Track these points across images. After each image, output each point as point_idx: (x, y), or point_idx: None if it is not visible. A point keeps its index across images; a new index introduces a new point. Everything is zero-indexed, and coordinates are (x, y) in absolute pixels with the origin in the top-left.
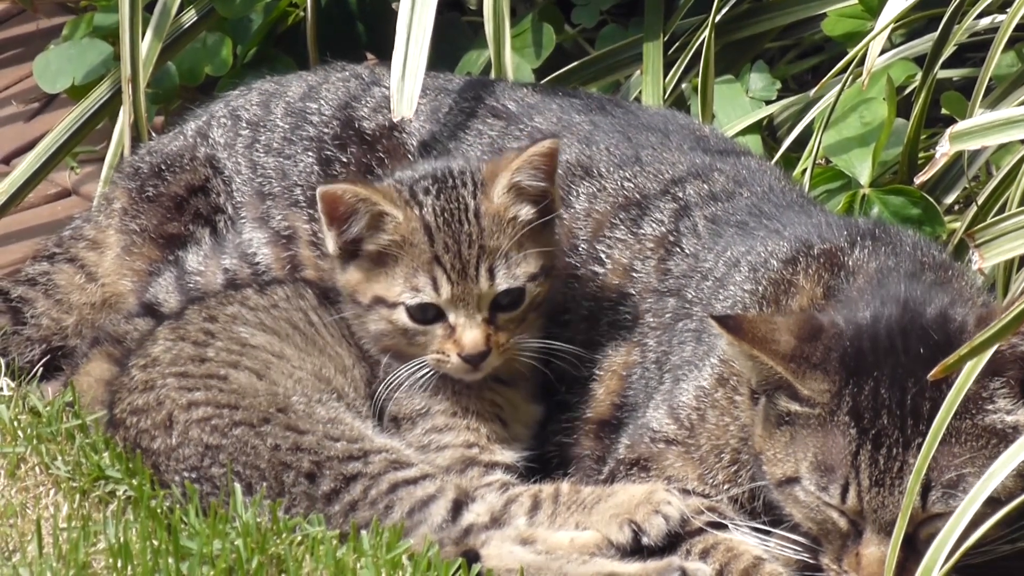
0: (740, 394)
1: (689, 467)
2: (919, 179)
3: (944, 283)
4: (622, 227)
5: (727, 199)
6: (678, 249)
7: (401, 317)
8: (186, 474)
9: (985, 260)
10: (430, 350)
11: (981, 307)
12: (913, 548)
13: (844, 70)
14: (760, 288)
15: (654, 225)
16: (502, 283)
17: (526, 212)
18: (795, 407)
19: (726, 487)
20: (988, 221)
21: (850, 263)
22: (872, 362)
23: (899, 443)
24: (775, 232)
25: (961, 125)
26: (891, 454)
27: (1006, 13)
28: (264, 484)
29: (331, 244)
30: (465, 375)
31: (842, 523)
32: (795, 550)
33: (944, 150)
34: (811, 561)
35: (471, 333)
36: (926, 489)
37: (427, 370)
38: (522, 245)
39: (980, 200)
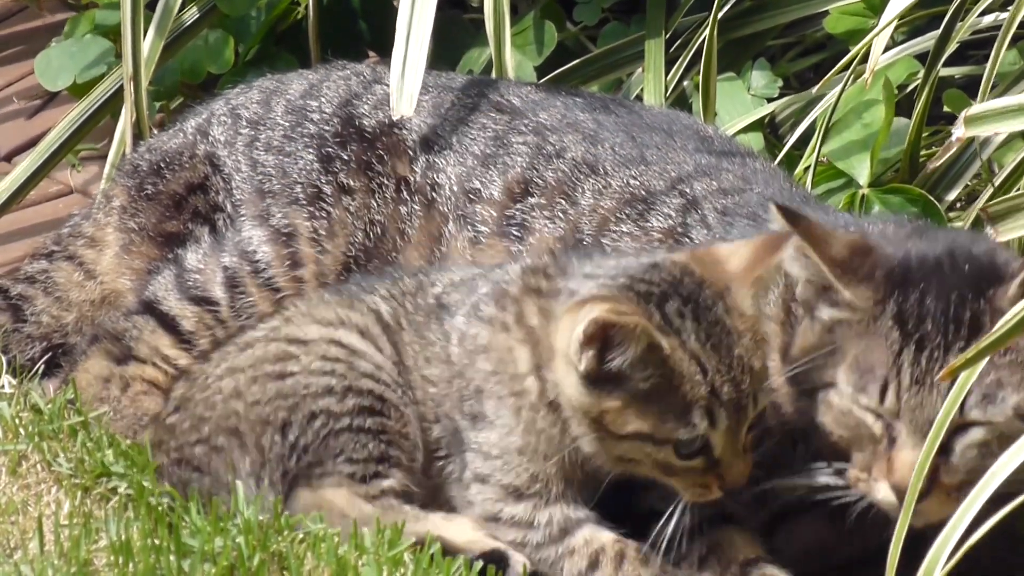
0: None
1: None
2: (932, 164)
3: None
4: (628, 222)
5: (737, 194)
6: (687, 240)
7: (668, 456)
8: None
9: (1000, 234)
10: (686, 483)
11: None
12: (946, 457)
13: (846, 68)
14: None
15: (661, 219)
16: (761, 403)
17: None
18: (837, 314)
19: None
20: (1003, 197)
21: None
22: (919, 278)
23: (941, 347)
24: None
25: (976, 108)
26: (932, 356)
27: (1007, 11)
28: None
29: (582, 365)
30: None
31: (876, 428)
32: None
33: (959, 133)
34: None
35: (739, 466)
36: (966, 394)
37: (682, 505)
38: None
39: (997, 182)
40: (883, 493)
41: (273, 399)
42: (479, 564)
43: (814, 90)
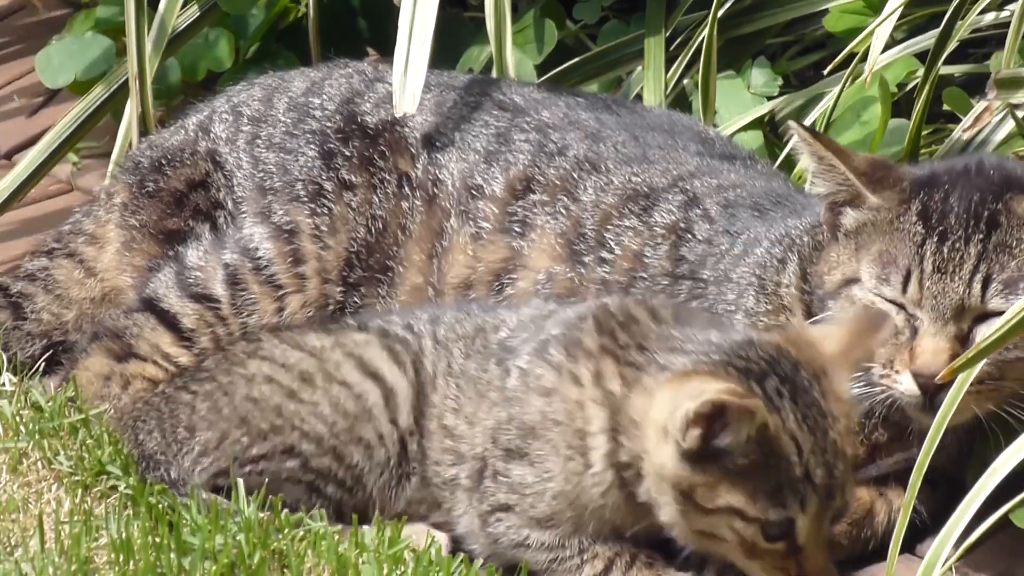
0: None
1: None
2: (968, 133)
3: None
4: (631, 216)
5: (738, 187)
6: (690, 235)
7: (755, 534)
8: None
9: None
10: (764, 564)
11: None
12: (967, 346)
13: (846, 64)
14: (787, 256)
15: (664, 214)
16: (848, 493)
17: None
18: (863, 215)
19: None
20: None
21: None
22: (944, 181)
23: (962, 239)
24: (795, 213)
25: (1006, 72)
26: (954, 247)
27: (1006, 9)
28: None
29: (687, 441)
30: None
31: (899, 320)
32: None
33: (992, 96)
34: None
35: (819, 558)
36: (986, 282)
37: None
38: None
39: None
40: (905, 384)
41: (268, 408)
42: (479, 561)
43: (813, 87)
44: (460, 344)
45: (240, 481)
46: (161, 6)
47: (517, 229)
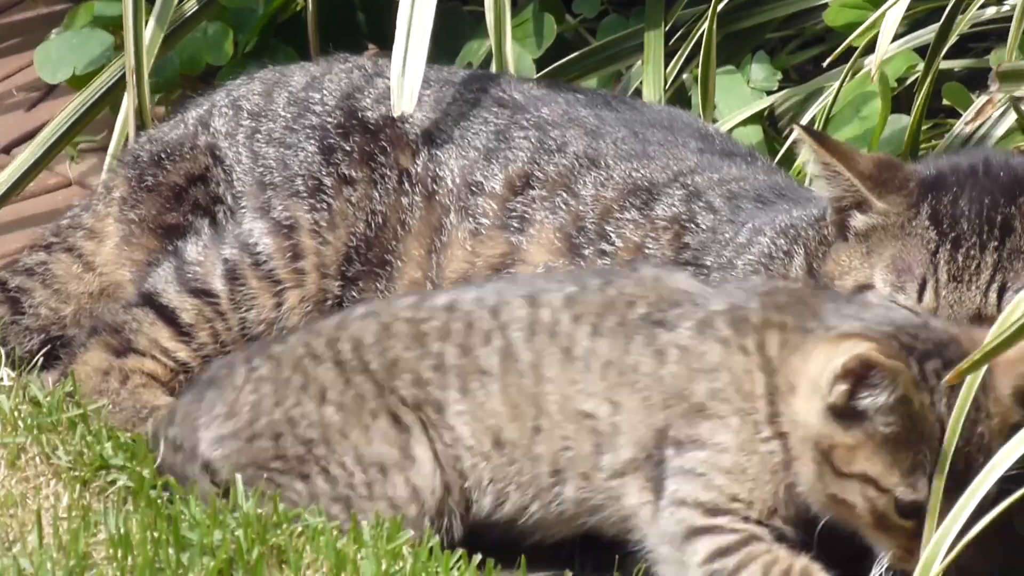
0: None
1: None
2: (970, 127)
3: None
4: (632, 210)
5: (742, 181)
6: (693, 225)
7: (888, 505)
8: None
9: None
10: (892, 542)
11: None
12: None
13: (845, 59)
14: (793, 249)
15: (665, 208)
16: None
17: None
18: (872, 219)
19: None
20: None
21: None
22: (952, 182)
23: (976, 246)
24: (798, 205)
25: (1007, 65)
26: (969, 254)
27: (1006, 4)
28: None
29: (833, 395)
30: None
31: None
32: None
33: (994, 88)
34: None
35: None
36: (1002, 291)
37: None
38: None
39: None
40: None
41: (300, 427)
42: (478, 557)
43: (813, 81)
44: (584, 326)
45: (239, 477)
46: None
47: (516, 225)
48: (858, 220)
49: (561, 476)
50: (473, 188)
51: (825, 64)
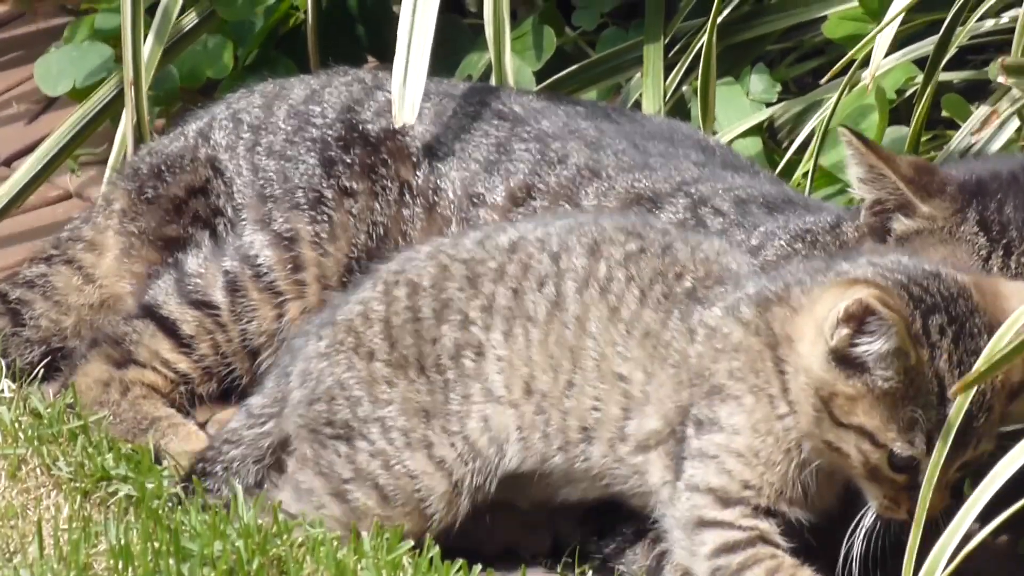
0: None
1: None
2: (977, 136)
3: None
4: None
5: (748, 188)
6: (702, 228)
7: (880, 460)
8: None
9: None
10: (878, 492)
11: None
12: None
13: (844, 71)
14: (811, 254)
15: (670, 216)
16: (984, 446)
17: None
18: (915, 223)
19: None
20: None
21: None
22: (995, 189)
23: None
24: (809, 211)
25: (1011, 60)
26: (1020, 261)
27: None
28: None
29: (835, 338)
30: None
31: None
32: None
33: (1002, 80)
34: None
35: (935, 498)
36: None
37: (869, 517)
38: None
39: None
40: None
41: (349, 388)
42: (477, 568)
43: (811, 93)
44: (635, 290)
45: (239, 487)
46: (159, 12)
47: None
48: (901, 224)
49: (589, 435)
50: (474, 200)
51: (824, 81)
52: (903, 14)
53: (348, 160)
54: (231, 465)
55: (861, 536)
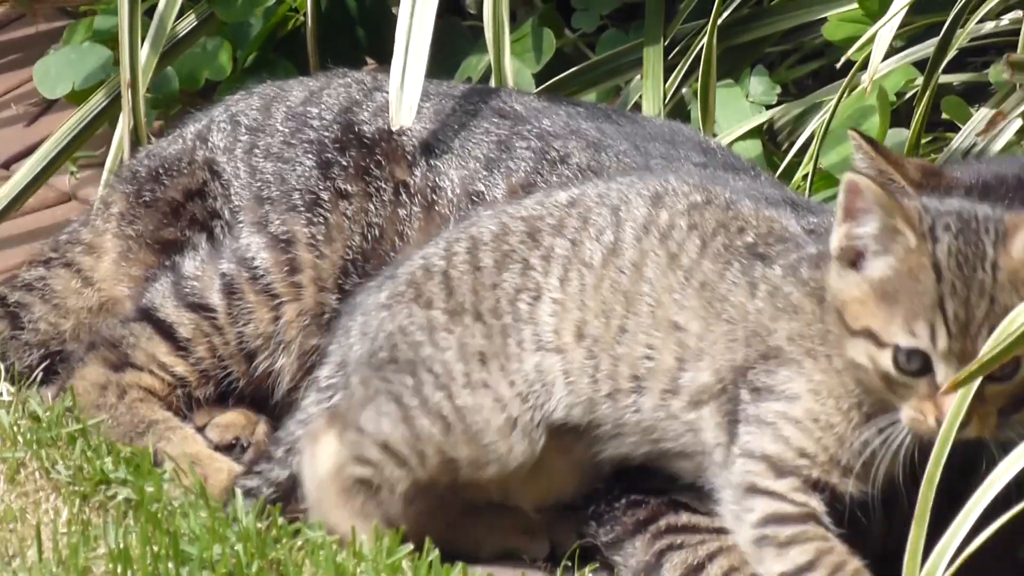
0: None
1: None
2: (982, 137)
3: None
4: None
5: (751, 190)
6: None
7: (886, 361)
8: None
9: None
10: (906, 404)
11: None
12: None
13: (844, 73)
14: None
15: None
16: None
17: None
18: None
19: None
20: None
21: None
22: (1003, 193)
23: None
24: (812, 212)
25: (1017, 56)
26: None
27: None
28: None
29: (835, 239)
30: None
31: None
32: None
33: (1007, 76)
34: None
35: (962, 406)
36: None
37: (901, 433)
38: None
39: None
40: None
41: (410, 333)
42: (477, 570)
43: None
44: (696, 238)
45: (239, 492)
46: (157, 15)
47: None
48: None
49: (640, 385)
50: (474, 198)
51: (827, 77)
52: (903, 16)
53: (344, 162)
54: (294, 445)
55: (888, 452)
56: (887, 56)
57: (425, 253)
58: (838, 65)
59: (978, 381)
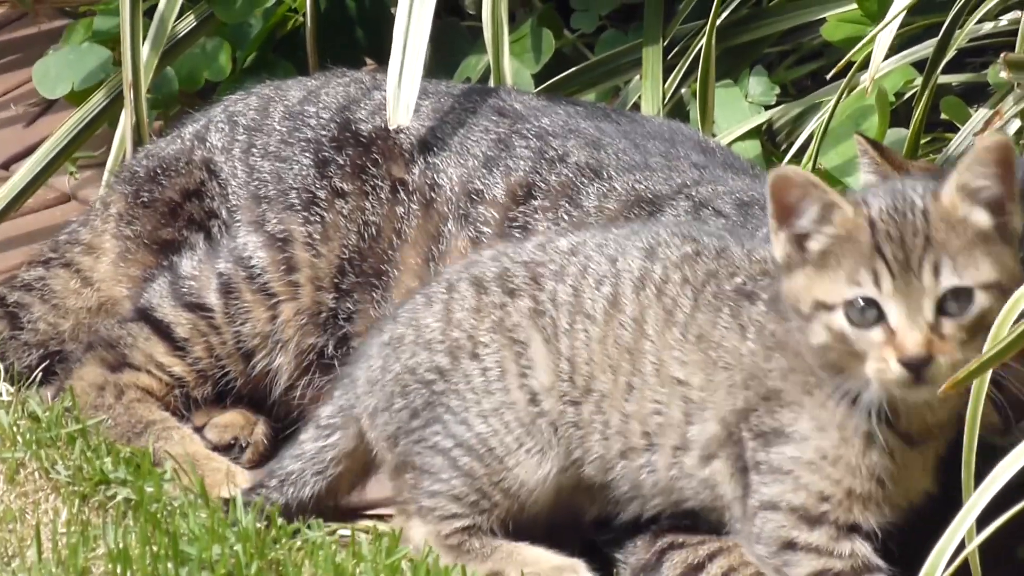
0: None
1: None
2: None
3: None
4: (637, 221)
5: (749, 191)
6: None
7: (839, 320)
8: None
9: None
10: (870, 360)
11: None
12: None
13: (843, 74)
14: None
15: (671, 217)
16: (947, 280)
17: (977, 216)
18: None
19: None
20: None
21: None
22: None
23: None
24: None
25: (1013, 56)
26: None
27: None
28: None
29: (779, 248)
30: (910, 392)
31: None
32: None
33: (1004, 75)
34: None
35: (911, 334)
36: None
37: (872, 395)
38: (973, 249)
39: None
40: None
41: (419, 372)
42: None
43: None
44: (688, 292)
45: (238, 492)
46: (157, 15)
47: (518, 234)
48: None
49: (652, 441)
50: (473, 196)
51: (829, 76)
52: (902, 17)
53: (340, 161)
54: (287, 478)
55: (862, 407)
56: (886, 56)
57: (427, 292)
58: (829, 75)
59: (930, 315)
